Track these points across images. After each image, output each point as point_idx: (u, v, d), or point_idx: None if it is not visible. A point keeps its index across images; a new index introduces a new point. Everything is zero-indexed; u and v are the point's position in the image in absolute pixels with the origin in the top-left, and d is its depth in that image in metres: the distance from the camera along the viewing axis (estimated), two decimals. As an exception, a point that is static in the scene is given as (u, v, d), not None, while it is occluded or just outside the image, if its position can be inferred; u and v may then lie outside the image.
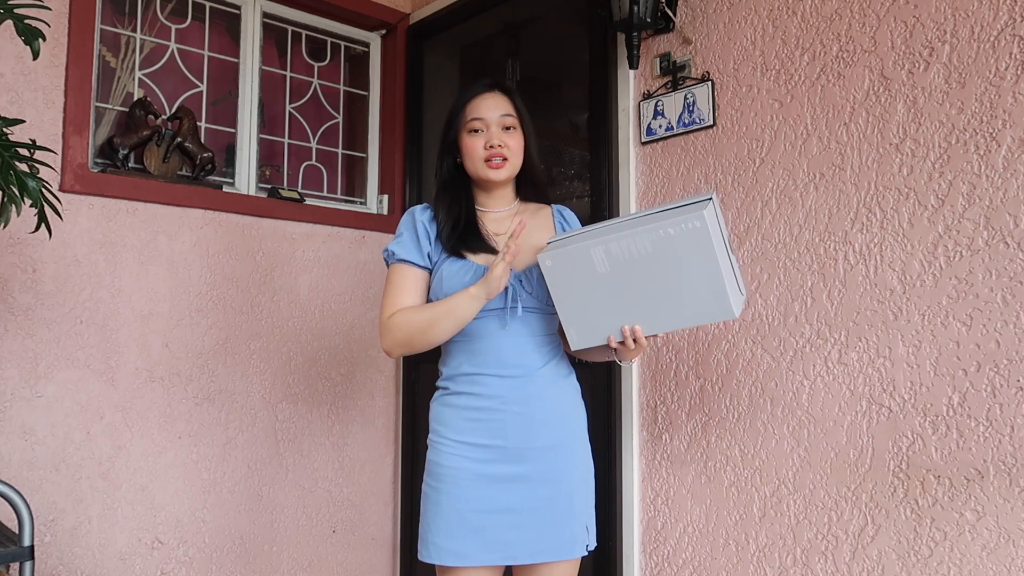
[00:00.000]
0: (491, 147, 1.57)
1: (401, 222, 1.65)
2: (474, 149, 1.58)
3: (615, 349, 1.48)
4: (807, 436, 1.77)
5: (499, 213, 1.65)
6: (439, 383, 1.63)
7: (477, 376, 1.55)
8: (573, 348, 1.52)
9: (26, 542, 1.54)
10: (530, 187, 1.68)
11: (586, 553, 1.57)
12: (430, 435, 1.60)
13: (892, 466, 1.63)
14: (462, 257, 1.56)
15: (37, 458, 2.09)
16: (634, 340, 1.44)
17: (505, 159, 1.58)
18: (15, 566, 1.85)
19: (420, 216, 1.62)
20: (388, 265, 1.62)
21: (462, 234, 1.58)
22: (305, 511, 2.61)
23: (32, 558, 1.54)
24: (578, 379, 1.67)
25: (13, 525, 1.68)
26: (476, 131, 1.58)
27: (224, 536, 2.42)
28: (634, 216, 1.43)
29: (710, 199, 1.35)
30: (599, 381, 2.17)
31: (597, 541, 1.62)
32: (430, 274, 1.60)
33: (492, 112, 1.58)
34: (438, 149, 1.67)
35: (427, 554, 1.53)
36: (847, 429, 1.71)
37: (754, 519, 1.86)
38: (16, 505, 1.54)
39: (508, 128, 1.59)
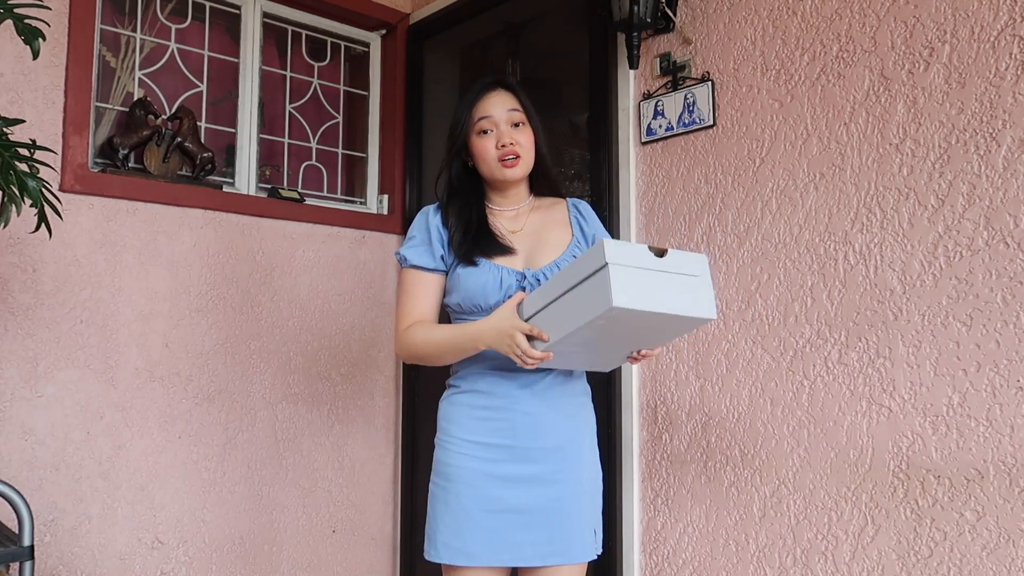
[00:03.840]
0: (503, 146, 1.55)
1: (414, 224, 1.63)
2: (486, 151, 1.56)
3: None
4: (807, 436, 1.77)
5: (514, 210, 1.64)
6: (449, 381, 1.62)
7: (487, 375, 1.54)
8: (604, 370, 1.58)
9: (26, 542, 1.54)
10: (543, 180, 1.67)
11: (595, 557, 1.55)
12: (438, 434, 1.60)
13: (892, 466, 1.63)
14: (475, 264, 1.54)
15: (37, 458, 2.09)
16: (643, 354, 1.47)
17: (518, 156, 1.56)
18: (15, 566, 1.85)
19: (433, 219, 1.61)
20: (401, 267, 1.62)
21: (475, 239, 1.56)
22: (305, 511, 2.61)
23: (32, 558, 1.54)
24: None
25: (13, 525, 1.68)
26: (485, 131, 1.56)
27: (224, 536, 2.42)
28: (559, 280, 1.33)
29: (606, 264, 1.21)
30: (599, 381, 2.16)
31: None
32: (445, 275, 1.60)
33: (499, 109, 1.56)
34: (445, 153, 1.64)
35: (436, 553, 1.52)
36: (847, 429, 1.71)
37: (754, 519, 1.85)
38: (16, 505, 1.54)
39: (517, 124, 1.57)
